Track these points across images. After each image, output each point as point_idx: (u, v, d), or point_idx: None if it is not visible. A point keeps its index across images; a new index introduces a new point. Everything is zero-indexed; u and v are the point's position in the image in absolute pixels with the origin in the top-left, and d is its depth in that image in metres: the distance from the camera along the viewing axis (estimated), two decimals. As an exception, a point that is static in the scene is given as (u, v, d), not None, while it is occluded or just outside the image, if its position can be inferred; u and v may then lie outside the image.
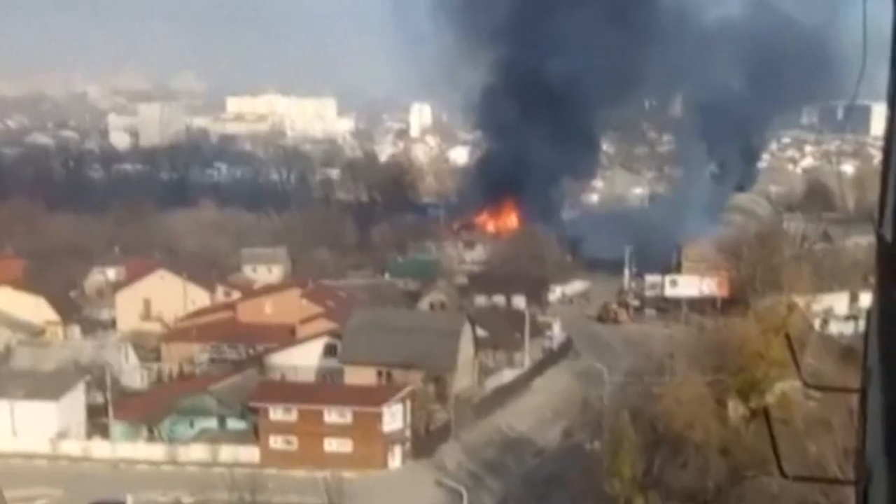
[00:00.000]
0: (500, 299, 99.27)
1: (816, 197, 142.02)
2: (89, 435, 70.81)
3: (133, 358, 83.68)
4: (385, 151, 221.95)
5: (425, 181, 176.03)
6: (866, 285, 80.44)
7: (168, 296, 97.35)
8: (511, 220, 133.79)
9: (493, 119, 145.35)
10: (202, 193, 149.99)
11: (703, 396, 66.76)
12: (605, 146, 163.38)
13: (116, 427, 70.60)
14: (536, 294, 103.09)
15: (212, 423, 72.21)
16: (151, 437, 71.31)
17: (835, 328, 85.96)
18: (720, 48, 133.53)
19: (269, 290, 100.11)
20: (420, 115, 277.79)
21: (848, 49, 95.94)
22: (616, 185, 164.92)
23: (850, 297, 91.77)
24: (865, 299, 78.19)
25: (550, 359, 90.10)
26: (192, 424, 71.91)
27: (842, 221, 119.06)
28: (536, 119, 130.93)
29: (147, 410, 72.33)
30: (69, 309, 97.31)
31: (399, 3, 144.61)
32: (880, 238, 6.06)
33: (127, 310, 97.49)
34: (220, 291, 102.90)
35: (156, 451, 69.24)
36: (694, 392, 66.36)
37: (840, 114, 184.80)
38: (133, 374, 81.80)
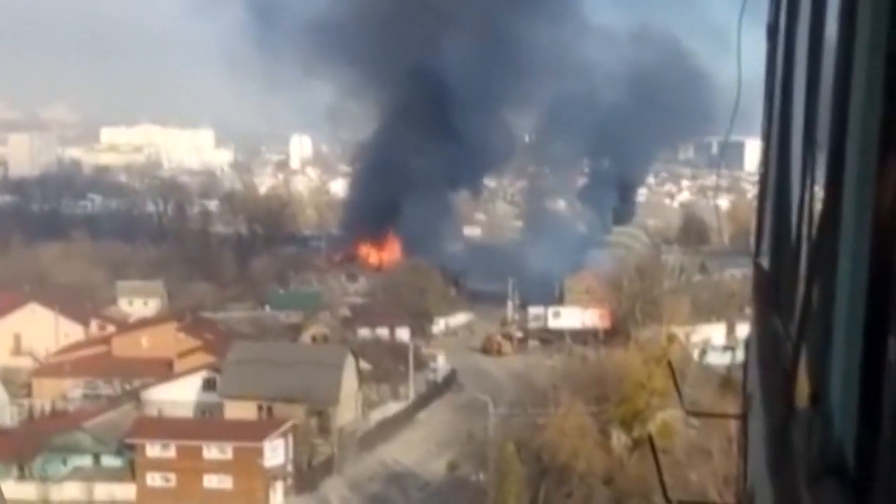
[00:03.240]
0: (383, 332, 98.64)
1: (693, 230, 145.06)
2: (-45, 475, 67.92)
3: (2, 394, 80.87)
4: (265, 183, 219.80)
5: (306, 213, 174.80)
6: (742, 316, 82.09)
7: (39, 330, 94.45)
8: (393, 252, 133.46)
9: (374, 151, 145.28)
10: (75, 225, 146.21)
11: (587, 427, 67.33)
12: (487, 180, 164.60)
13: (-16, 466, 67.88)
14: (420, 326, 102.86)
15: (86, 460, 70.10)
16: (22, 476, 68.82)
17: (713, 358, 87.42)
18: (602, 82, 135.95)
19: (145, 323, 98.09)
20: (300, 147, 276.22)
21: (723, 85, 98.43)
22: (498, 218, 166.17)
23: (727, 327, 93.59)
24: (742, 330, 79.83)
25: (435, 391, 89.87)
26: (65, 462, 69.66)
27: (718, 254, 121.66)
28: (418, 151, 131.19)
29: (18, 448, 69.71)
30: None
31: (269, 36, 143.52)
32: (758, 267, 6.25)
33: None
34: (94, 325, 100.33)
35: (27, 491, 66.80)
36: (578, 422, 66.85)
37: (715, 149, 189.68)
38: (3, 412, 79.05)
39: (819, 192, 3.18)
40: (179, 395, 78.56)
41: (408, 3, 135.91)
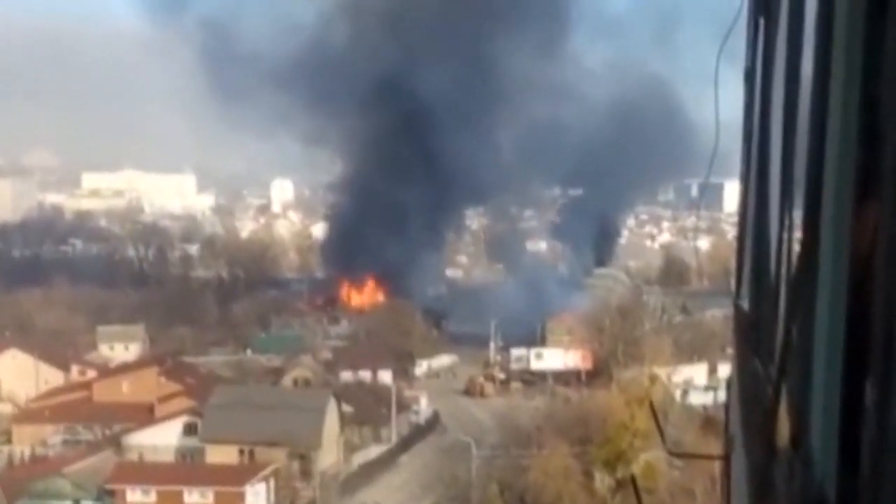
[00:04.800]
0: (366, 374, 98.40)
1: (674, 271, 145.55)
2: (-67, 523, 67.31)
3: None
4: (246, 227, 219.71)
5: (288, 256, 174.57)
6: (724, 356, 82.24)
7: (20, 375, 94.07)
8: (376, 294, 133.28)
9: (356, 193, 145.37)
10: (56, 270, 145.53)
11: (571, 468, 67.23)
12: (469, 222, 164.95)
13: (-37, 514, 67.24)
14: (403, 368, 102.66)
15: (66, 507, 69.36)
16: (1, 523, 68.10)
17: (695, 399, 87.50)
18: (584, 122, 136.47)
19: (126, 368, 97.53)
20: (281, 191, 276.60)
21: (702, 128, 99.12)
22: (480, 260, 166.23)
23: (709, 368, 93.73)
24: (723, 370, 79.91)
25: (417, 433, 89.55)
26: (45, 509, 68.94)
27: (699, 295, 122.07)
28: (398, 191, 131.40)
29: (-3, 495, 69.14)
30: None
31: (240, 80, 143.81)
32: (738, 308, 6.32)
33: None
34: (74, 370, 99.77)
35: (5, 538, 66.13)
36: (561, 464, 66.77)
37: (694, 191, 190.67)
38: (-18, 458, 78.32)
39: (797, 233, 3.19)
40: (160, 439, 78.09)
41: (380, 38, 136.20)
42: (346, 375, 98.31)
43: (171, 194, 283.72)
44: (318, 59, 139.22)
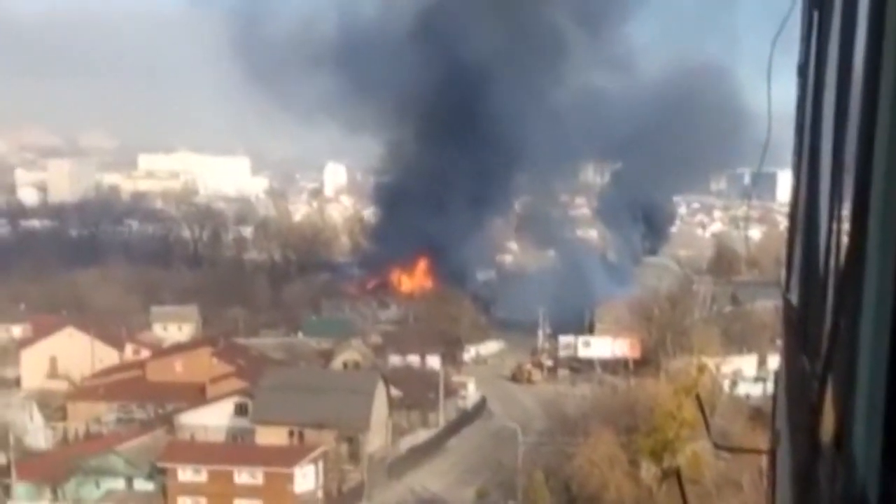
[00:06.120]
0: (414, 359, 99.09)
1: (725, 260, 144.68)
2: (-9, 496, 68.91)
3: (38, 417, 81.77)
4: (299, 210, 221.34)
5: (339, 240, 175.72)
6: (774, 348, 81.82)
7: (75, 354, 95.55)
8: (426, 279, 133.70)
9: (407, 179, 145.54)
10: (112, 251, 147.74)
11: (617, 457, 67.29)
12: (518, 208, 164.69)
13: (20, 488, 68.82)
14: (451, 354, 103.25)
15: (119, 483, 70.78)
16: (56, 499, 69.65)
17: (743, 390, 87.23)
18: (631, 112, 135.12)
19: (179, 348, 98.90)
20: (334, 175, 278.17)
21: (754, 117, 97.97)
22: (529, 247, 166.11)
23: (759, 359, 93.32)
24: (773, 361, 79.57)
25: (465, 419, 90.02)
26: (98, 485, 70.40)
27: (749, 285, 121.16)
28: (451, 179, 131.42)
29: (52, 471, 70.53)
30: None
31: (292, 65, 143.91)
32: (787, 302, 6.37)
33: (32, 367, 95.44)
34: (129, 349, 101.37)
35: (60, 513, 67.56)
36: (607, 452, 66.86)
37: (747, 180, 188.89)
38: (38, 434, 79.89)
39: (846, 227, 3.16)
40: (212, 420, 79.12)
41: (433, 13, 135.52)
42: (395, 360, 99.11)
43: (226, 177, 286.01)
44: (353, 33, 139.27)
